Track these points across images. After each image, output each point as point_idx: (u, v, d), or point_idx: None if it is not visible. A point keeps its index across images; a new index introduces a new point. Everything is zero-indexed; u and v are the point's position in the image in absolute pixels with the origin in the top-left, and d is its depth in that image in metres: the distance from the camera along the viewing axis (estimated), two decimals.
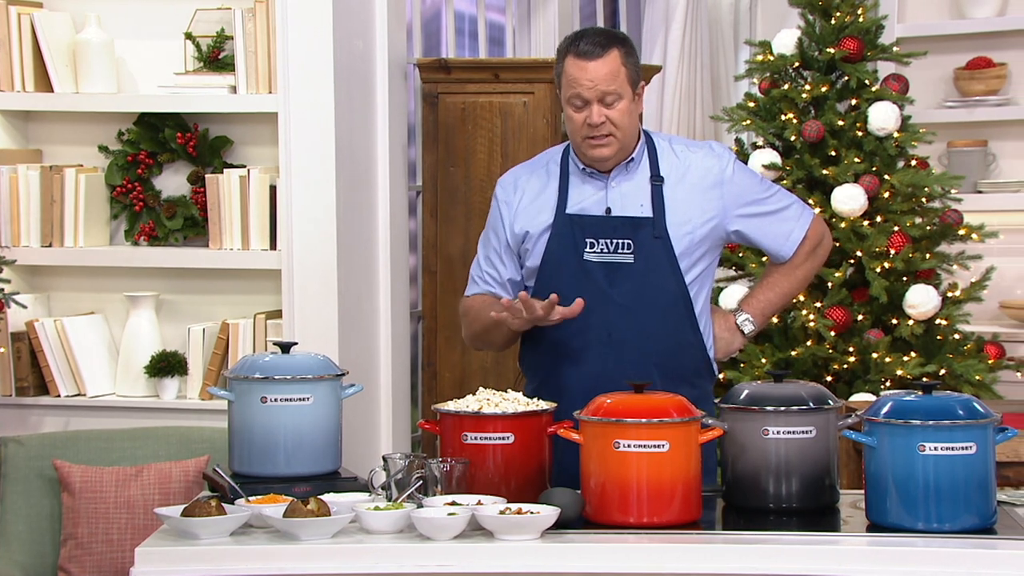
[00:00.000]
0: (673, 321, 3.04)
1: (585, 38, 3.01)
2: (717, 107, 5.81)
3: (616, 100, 2.98)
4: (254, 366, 2.86)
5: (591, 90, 2.97)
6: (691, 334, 3.06)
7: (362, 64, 4.15)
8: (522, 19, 5.47)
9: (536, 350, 3.11)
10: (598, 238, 3.03)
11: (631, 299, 3.01)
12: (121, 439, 3.57)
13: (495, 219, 3.15)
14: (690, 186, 3.06)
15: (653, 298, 3.02)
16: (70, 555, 3.37)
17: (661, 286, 3.02)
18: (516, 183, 3.14)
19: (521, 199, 3.11)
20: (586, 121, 2.99)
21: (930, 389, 2.63)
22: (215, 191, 4.03)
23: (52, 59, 4.09)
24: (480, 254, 3.17)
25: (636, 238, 3.02)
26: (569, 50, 3.01)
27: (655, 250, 3.02)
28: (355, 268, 4.12)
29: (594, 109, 2.98)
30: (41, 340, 4.10)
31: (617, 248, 3.02)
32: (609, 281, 3.01)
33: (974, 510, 2.55)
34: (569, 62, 3.00)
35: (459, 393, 3.14)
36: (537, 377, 3.11)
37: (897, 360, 4.30)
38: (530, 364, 3.14)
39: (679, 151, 3.10)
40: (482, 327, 3.10)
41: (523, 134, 4.43)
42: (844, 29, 4.53)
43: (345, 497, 2.70)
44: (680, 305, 3.04)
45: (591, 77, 2.97)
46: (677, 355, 3.05)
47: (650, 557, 2.51)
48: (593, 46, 2.98)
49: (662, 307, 3.03)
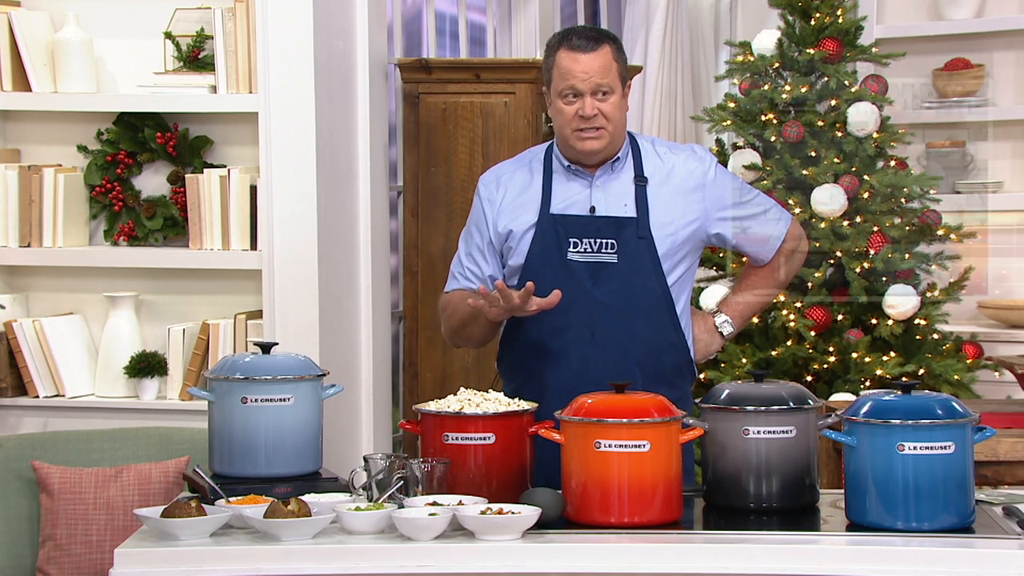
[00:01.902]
0: (656, 321, 3.05)
1: (577, 33, 3.04)
2: (698, 107, 5.82)
3: (609, 93, 3.01)
4: (234, 366, 2.86)
5: (585, 82, 2.99)
6: (673, 335, 3.07)
7: (343, 64, 4.15)
8: (503, 19, 5.47)
9: (516, 351, 3.11)
10: (582, 238, 3.04)
11: (614, 299, 3.02)
12: (100, 440, 3.56)
13: (478, 216, 3.15)
14: (673, 188, 3.07)
15: (636, 298, 3.03)
16: (49, 557, 3.36)
17: (645, 286, 3.03)
18: (499, 180, 3.14)
19: (504, 196, 3.11)
20: (578, 113, 3.00)
21: (909, 389, 2.64)
22: (195, 191, 4.02)
23: (30, 58, 4.08)
24: (461, 250, 3.17)
25: (620, 238, 3.03)
26: (561, 44, 3.03)
27: (639, 250, 3.03)
28: (336, 268, 4.11)
29: (587, 101, 3.00)
30: (20, 340, 4.08)
31: (601, 248, 3.03)
32: (593, 281, 3.02)
33: (953, 509, 2.56)
34: (562, 55, 3.02)
35: (440, 393, 3.14)
36: (518, 378, 3.11)
37: (877, 360, 4.32)
38: (509, 365, 3.14)
39: (662, 153, 3.11)
40: (460, 321, 3.10)
41: (504, 134, 4.43)
42: (824, 30, 4.54)
43: (326, 497, 2.70)
44: (663, 306, 3.05)
45: (585, 69, 2.99)
46: (659, 355, 3.06)
47: (631, 557, 2.51)
48: (587, 40, 3.01)
49: (645, 307, 3.04)
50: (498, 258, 3.12)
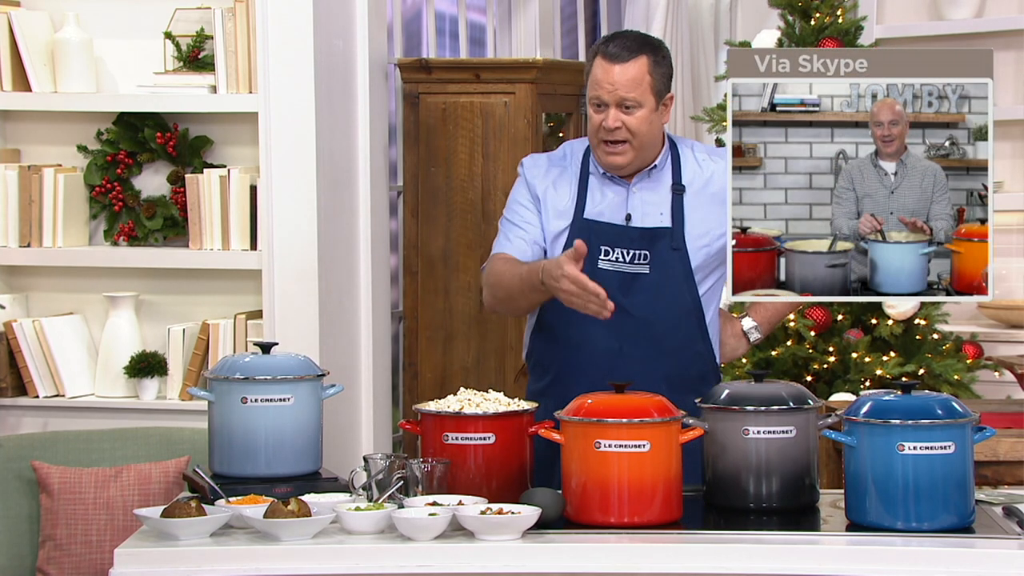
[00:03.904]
0: (685, 334, 3.00)
1: (616, 40, 2.97)
2: (698, 108, 5.82)
3: (635, 107, 2.93)
4: (234, 366, 2.85)
5: (610, 93, 2.93)
6: (701, 345, 3.03)
7: (343, 64, 4.15)
8: (503, 19, 5.47)
9: (545, 351, 3.05)
10: (614, 246, 2.98)
11: (644, 311, 2.96)
12: (100, 440, 3.56)
13: (521, 191, 3.04)
14: (711, 196, 3.00)
15: (666, 311, 2.98)
16: (48, 557, 3.36)
17: (676, 298, 2.98)
18: (543, 169, 3.05)
19: (546, 189, 3.04)
20: (602, 124, 2.95)
21: (909, 389, 2.64)
22: (195, 191, 4.02)
23: (30, 58, 4.08)
24: (507, 215, 3.04)
25: (654, 249, 2.97)
26: (599, 50, 2.97)
27: (672, 262, 2.98)
28: (336, 268, 4.11)
29: (611, 113, 2.93)
30: (20, 341, 4.08)
31: (634, 259, 2.97)
32: (623, 291, 2.95)
33: (953, 509, 2.56)
34: (596, 62, 2.96)
35: (440, 393, 3.14)
36: (544, 379, 3.06)
37: (876, 360, 4.32)
38: (538, 363, 3.08)
39: (701, 159, 3.04)
40: (507, 292, 2.97)
41: (504, 134, 4.43)
42: (823, 30, 4.54)
43: (326, 498, 2.69)
44: (692, 317, 3.00)
45: (612, 80, 2.92)
46: (686, 366, 3.01)
47: (631, 557, 2.51)
48: (622, 49, 2.94)
49: (675, 320, 2.99)
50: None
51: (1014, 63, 5.25)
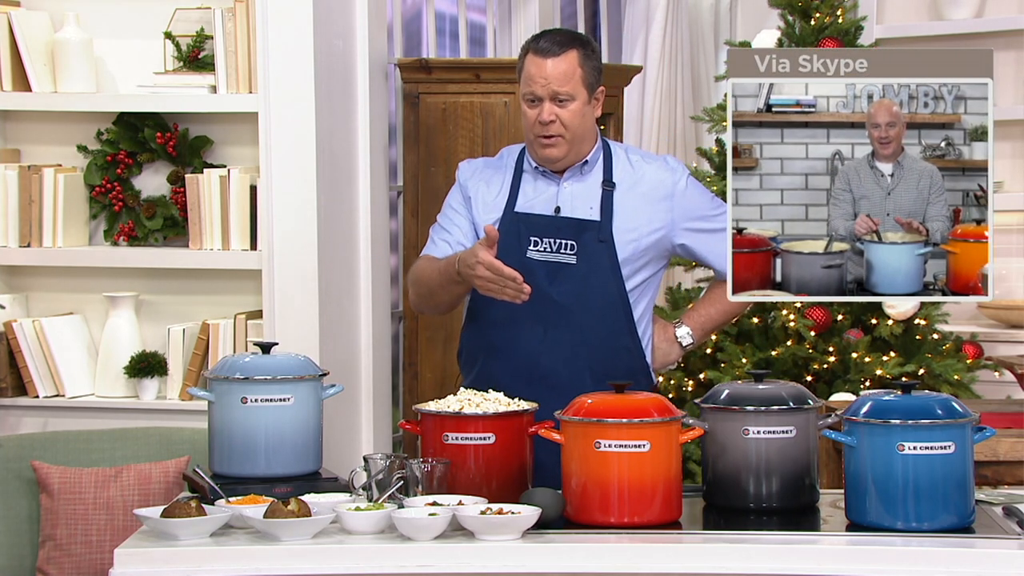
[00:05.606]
0: (610, 325, 3.07)
1: (546, 36, 3.07)
2: (697, 108, 5.82)
3: (568, 100, 3.02)
4: (234, 366, 2.86)
5: (544, 88, 3.02)
6: (628, 339, 3.09)
7: (342, 64, 4.15)
8: (503, 19, 5.47)
9: (471, 346, 3.15)
10: (543, 237, 3.06)
11: (569, 299, 3.04)
12: (100, 440, 3.56)
13: (456, 196, 3.17)
14: (640, 195, 3.10)
15: (591, 300, 3.05)
16: (48, 557, 3.36)
17: (601, 289, 3.06)
18: (477, 171, 3.17)
19: (478, 189, 3.15)
20: (537, 119, 3.03)
21: (909, 389, 2.64)
22: (195, 191, 4.02)
23: (30, 58, 4.07)
24: (440, 220, 3.19)
25: (580, 240, 3.06)
26: (530, 47, 3.06)
27: (598, 253, 3.05)
28: (336, 268, 4.11)
29: (545, 107, 3.02)
30: (19, 340, 4.08)
31: (560, 248, 3.06)
32: (550, 280, 3.04)
33: (953, 509, 2.56)
34: (528, 59, 3.06)
35: (440, 393, 3.14)
36: (471, 372, 3.14)
37: (876, 360, 4.32)
38: (466, 359, 3.18)
39: (634, 160, 3.14)
40: (427, 288, 3.11)
41: (504, 134, 4.43)
42: (824, 30, 4.55)
43: (326, 498, 2.70)
44: (619, 310, 3.07)
45: (545, 75, 3.01)
46: (611, 359, 3.07)
47: (631, 557, 2.51)
48: (552, 44, 3.03)
49: (600, 310, 3.06)
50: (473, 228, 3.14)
51: (1014, 63, 5.25)
